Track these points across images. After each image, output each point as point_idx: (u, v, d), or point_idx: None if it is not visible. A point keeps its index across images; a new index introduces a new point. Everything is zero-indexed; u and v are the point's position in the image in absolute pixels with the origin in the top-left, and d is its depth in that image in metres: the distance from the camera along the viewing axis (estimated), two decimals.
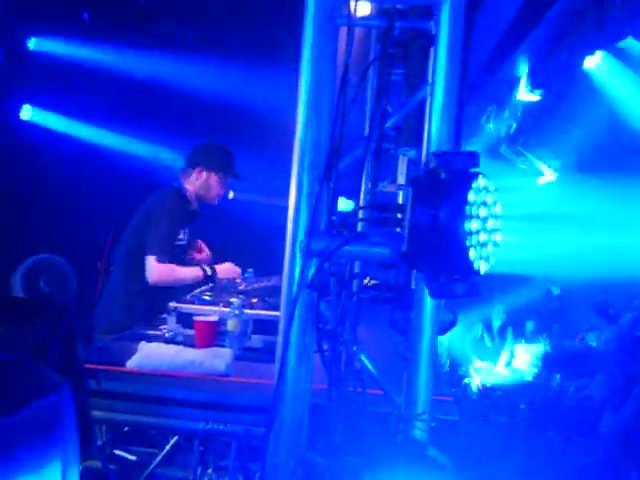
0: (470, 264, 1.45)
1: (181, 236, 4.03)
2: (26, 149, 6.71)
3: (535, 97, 6.41)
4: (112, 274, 4.19)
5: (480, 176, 1.49)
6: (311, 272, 1.71)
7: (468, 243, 1.46)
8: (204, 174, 4.08)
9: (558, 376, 7.46)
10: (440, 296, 1.57)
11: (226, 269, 4.08)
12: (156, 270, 3.75)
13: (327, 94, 1.76)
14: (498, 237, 1.63)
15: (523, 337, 8.25)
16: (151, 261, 3.75)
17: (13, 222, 6.50)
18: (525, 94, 6.47)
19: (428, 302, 1.74)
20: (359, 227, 1.85)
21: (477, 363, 7.92)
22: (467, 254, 1.45)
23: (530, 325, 8.30)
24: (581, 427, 6.23)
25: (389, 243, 1.62)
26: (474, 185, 1.46)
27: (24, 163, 6.63)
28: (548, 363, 7.77)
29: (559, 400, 6.96)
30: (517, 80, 6.34)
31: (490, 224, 1.54)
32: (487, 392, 6.99)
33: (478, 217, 1.49)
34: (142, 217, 4.00)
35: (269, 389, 1.84)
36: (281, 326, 1.77)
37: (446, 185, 1.44)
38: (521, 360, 8.06)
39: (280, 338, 1.77)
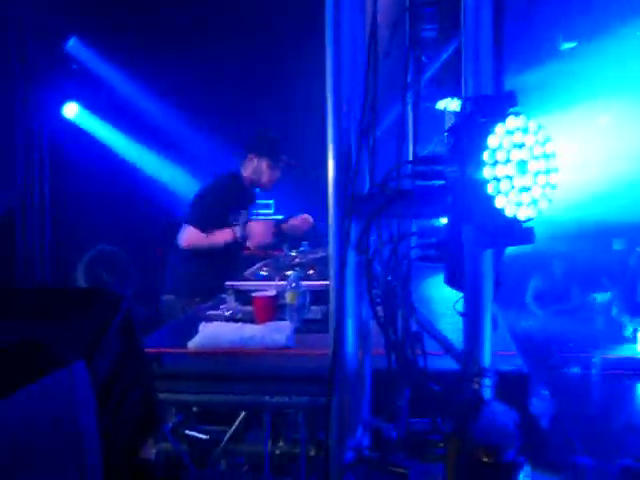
0: (497, 213, 1.38)
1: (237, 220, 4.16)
2: (80, 144, 6.87)
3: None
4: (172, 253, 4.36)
5: (511, 117, 1.41)
6: (358, 234, 1.67)
7: (493, 191, 1.39)
8: (255, 160, 4.24)
9: (630, 327, 7.27)
10: (488, 246, 1.51)
11: (257, 232, 4.12)
12: (185, 234, 4.03)
13: (357, 47, 1.70)
14: (552, 179, 1.54)
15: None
16: (184, 228, 4.04)
17: (72, 217, 6.67)
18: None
19: (481, 254, 1.68)
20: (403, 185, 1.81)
21: None
22: (491, 203, 1.38)
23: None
24: None
25: (434, 197, 1.57)
26: (499, 129, 1.39)
27: (78, 159, 6.79)
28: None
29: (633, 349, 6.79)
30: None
31: (534, 166, 1.46)
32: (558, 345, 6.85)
33: (508, 161, 1.42)
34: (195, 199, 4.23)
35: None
36: (332, 292, 1.75)
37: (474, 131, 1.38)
38: None
39: (332, 304, 1.74)
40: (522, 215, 1.50)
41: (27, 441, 1.11)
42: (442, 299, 3.30)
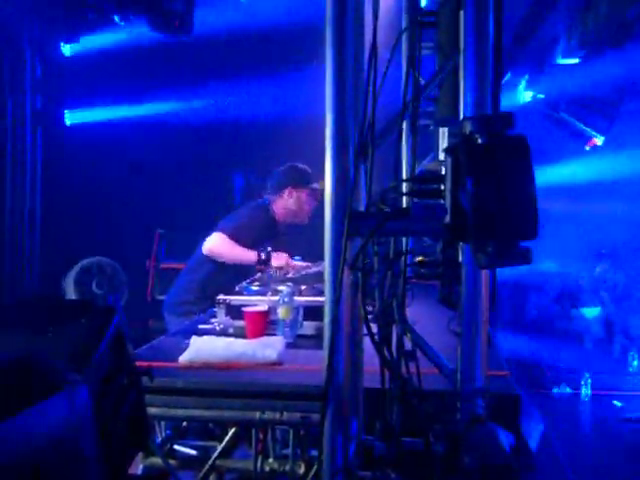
0: (536, 228, 1.36)
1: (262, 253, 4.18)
2: (71, 155, 6.84)
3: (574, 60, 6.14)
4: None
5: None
6: (354, 252, 1.66)
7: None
8: (294, 193, 4.36)
9: (618, 345, 7.29)
10: (491, 265, 1.50)
11: (280, 257, 4.21)
12: (214, 240, 4.07)
13: (356, 70, 1.71)
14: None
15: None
16: (213, 234, 4.09)
17: (62, 227, 6.63)
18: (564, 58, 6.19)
19: (479, 274, 1.68)
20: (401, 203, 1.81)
21: None
22: (537, 218, 1.36)
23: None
24: None
25: (432, 216, 1.57)
26: None
27: (70, 169, 6.76)
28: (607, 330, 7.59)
29: (622, 366, 6.81)
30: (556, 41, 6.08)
31: None
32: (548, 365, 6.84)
33: None
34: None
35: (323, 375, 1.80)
36: (327, 310, 1.74)
37: (494, 149, 1.36)
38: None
39: (326, 322, 1.73)
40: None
41: (29, 463, 1.08)
42: (434, 317, 3.29)
